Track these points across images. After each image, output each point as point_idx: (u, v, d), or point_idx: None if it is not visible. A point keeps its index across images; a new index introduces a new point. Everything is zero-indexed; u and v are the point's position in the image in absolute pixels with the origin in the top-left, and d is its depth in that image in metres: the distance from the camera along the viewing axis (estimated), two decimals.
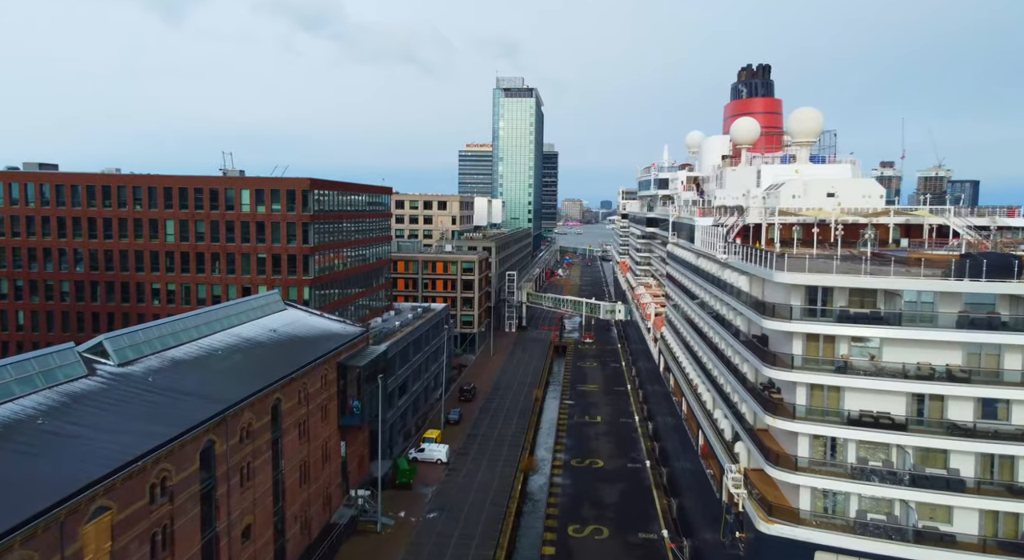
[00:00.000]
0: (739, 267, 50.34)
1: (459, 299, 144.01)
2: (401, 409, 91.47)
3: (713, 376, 58.68)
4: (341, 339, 70.31)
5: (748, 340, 47.70)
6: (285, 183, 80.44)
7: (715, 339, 58.34)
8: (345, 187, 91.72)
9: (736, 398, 49.87)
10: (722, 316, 55.47)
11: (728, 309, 53.83)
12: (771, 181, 78.99)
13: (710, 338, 60.24)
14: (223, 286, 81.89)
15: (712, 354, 58.48)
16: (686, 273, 75.48)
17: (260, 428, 51.13)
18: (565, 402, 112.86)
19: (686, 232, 79.42)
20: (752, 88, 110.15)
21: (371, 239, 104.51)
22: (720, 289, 55.59)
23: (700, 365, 64.95)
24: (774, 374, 40.64)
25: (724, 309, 54.76)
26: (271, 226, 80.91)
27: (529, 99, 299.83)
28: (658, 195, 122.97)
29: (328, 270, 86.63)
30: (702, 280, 64.61)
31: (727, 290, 53.32)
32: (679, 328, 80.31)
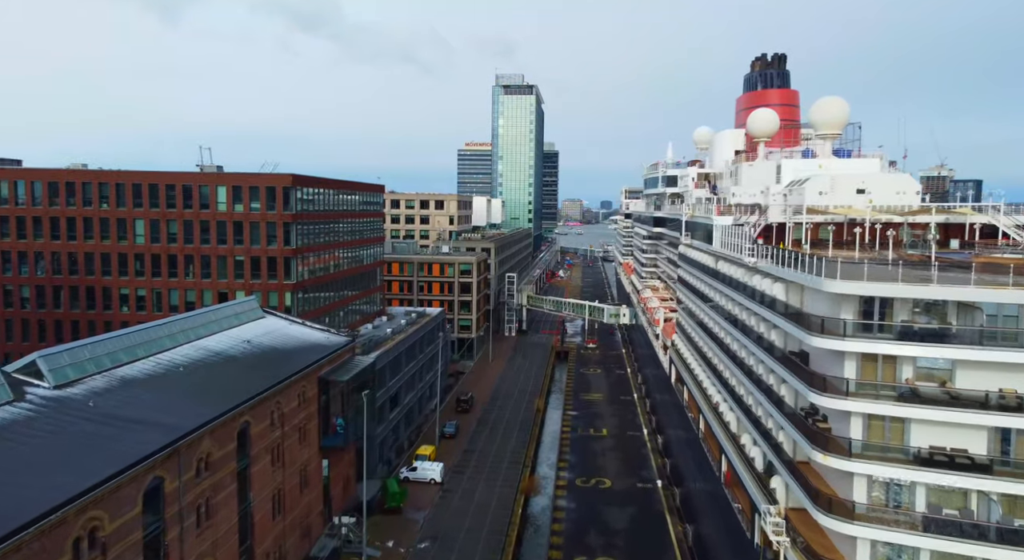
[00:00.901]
0: (773, 273, 43.80)
1: (456, 302, 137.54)
2: (393, 423, 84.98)
3: (738, 395, 52.14)
4: (324, 350, 63.79)
5: (784, 357, 41.18)
6: (265, 179, 73.91)
7: (740, 353, 51.79)
8: (332, 184, 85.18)
9: (770, 424, 43.36)
10: (749, 327, 48.93)
11: (757, 320, 47.30)
12: (792, 177, 72.81)
13: (734, 351, 53.68)
14: (197, 291, 75.32)
15: (737, 369, 51.93)
16: (702, 277, 69.00)
17: (223, 458, 44.57)
18: (568, 413, 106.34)
19: (701, 232, 72.94)
20: (767, 79, 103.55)
21: (362, 240, 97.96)
22: (747, 297, 49.06)
23: (721, 380, 58.41)
24: (825, 402, 34.09)
25: (752, 320, 48.21)
26: (250, 226, 74.39)
27: (529, 96, 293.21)
28: (666, 193, 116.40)
29: (313, 274, 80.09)
30: (723, 285, 58.11)
31: (756, 298, 46.81)
32: (693, 337, 73.80)
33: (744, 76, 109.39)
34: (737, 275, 53.10)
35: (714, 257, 65.17)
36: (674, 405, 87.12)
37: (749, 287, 49.35)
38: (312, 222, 79.56)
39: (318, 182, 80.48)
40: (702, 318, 68.56)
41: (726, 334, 57.22)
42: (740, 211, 67.86)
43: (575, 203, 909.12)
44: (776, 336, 43.20)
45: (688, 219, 78.76)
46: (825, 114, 74.36)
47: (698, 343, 70.61)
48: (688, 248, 79.99)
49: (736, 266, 54.95)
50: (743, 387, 50.76)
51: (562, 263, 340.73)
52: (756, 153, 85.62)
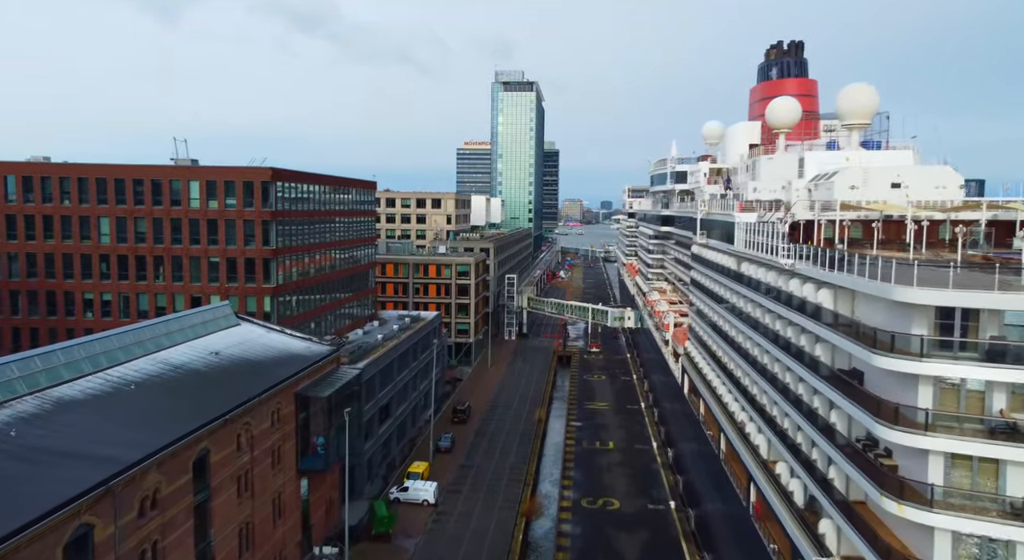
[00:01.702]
0: (818, 277, 37.45)
1: (454, 305, 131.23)
2: (383, 437, 78.68)
3: (770, 415, 45.82)
4: (303, 362, 57.47)
5: (834, 376, 34.87)
6: (241, 174, 67.60)
7: (773, 368, 45.45)
8: (318, 180, 78.83)
9: (815, 454, 37.01)
10: (784, 339, 42.60)
11: (795, 331, 40.98)
12: (817, 170, 66.65)
13: (763, 365, 47.35)
14: (168, 295, 69.03)
15: (768, 386, 45.60)
16: (721, 280, 62.71)
17: (175, 492, 38.23)
18: (571, 424, 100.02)
19: (719, 231, 66.64)
20: (783, 68, 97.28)
21: (351, 240, 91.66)
22: (782, 304, 42.74)
23: (747, 396, 52.07)
24: (896, 437, 27.77)
25: (789, 331, 41.88)
26: (225, 225, 68.08)
27: (529, 93, 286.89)
28: (675, 190, 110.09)
29: (296, 276, 73.77)
30: (748, 290, 51.80)
31: (794, 306, 40.49)
32: (710, 345, 67.48)
33: (758, 65, 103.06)
34: (768, 279, 46.79)
35: (736, 258, 58.87)
36: (685, 415, 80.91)
37: (784, 293, 43.04)
38: (295, 220, 73.25)
39: (301, 177, 74.16)
40: (721, 325, 62.26)
41: (753, 345, 50.90)
42: (763, 208, 61.74)
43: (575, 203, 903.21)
44: (822, 351, 36.85)
45: (704, 217, 72.46)
46: (853, 102, 68.01)
47: (716, 353, 64.30)
48: (703, 248, 73.69)
49: (765, 268, 48.66)
50: (776, 407, 44.44)
51: (563, 263, 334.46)
52: (774, 146, 79.55)
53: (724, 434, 57.20)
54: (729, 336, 58.69)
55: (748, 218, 57.75)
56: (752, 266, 52.05)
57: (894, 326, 30.42)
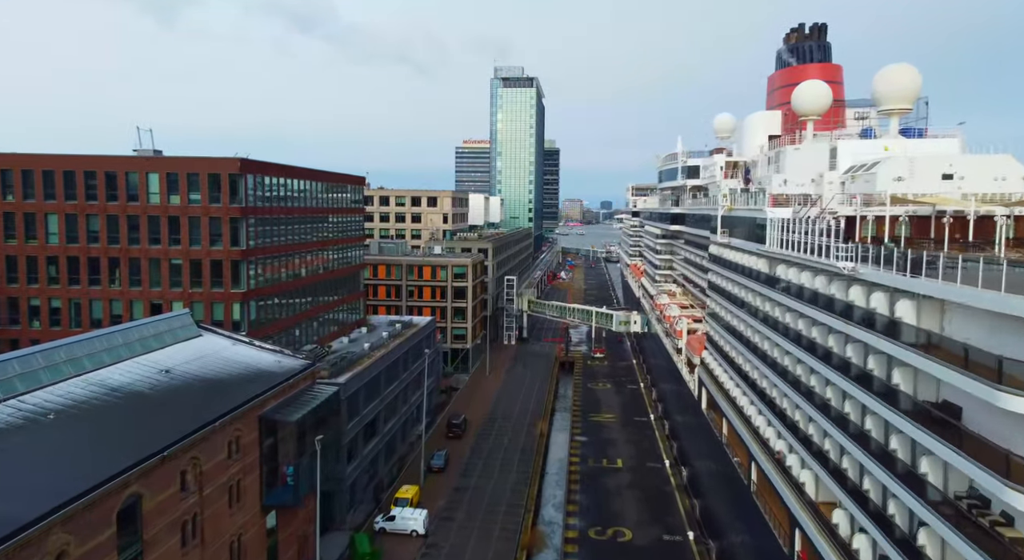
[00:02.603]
0: (893, 284, 29.97)
1: (450, 309, 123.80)
2: (368, 458, 71.24)
3: (819, 447, 38.31)
4: (271, 379, 50.00)
5: (919, 410, 27.41)
6: (206, 165, 60.11)
7: (823, 391, 37.95)
8: (296, 173, 71.34)
9: (893, 507, 29.49)
10: (842, 359, 35.12)
11: (858, 350, 33.51)
12: (852, 161, 59.28)
13: (809, 387, 39.85)
14: (125, 302, 61.50)
15: (817, 413, 38.10)
16: (748, 284, 55.26)
17: (91, 552, 30.73)
18: (576, 438, 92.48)
19: (744, 229, 59.18)
20: (804, 53, 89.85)
21: (337, 240, 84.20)
22: (836, 316, 35.27)
23: (786, 423, 44.57)
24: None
25: (850, 349, 34.38)
26: (188, 222, 60.61)
27: (529, 89, 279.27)
28: (686, 186, 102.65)
29: (271, 280, 66.30)
30: (786, 297, 44.35)
31: (856, 319, 33.03)
32: (734, 357, 59.99)
33: (776, 51, 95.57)
34: (815, 285, 39.32)
35: (767, 260, 51.42)
36: (699, 429, 73.59)
37: (838, 302, 35.58)
38: (269, 218, 65.77)
39: (276, 169, 66.65)
40: (749, 336, 54.79)
41: (793, 362, 43.45)
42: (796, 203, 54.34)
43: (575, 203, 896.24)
44: (903, 378, 29.36)
45: (725, 214, 64.99)
46: (892, 85, 60.56)
47: (743, 367, 56.81)
48: (723, 248, 66.25)
49: (810, 272, 41.23)
50: (829, 439, 36.93)
51: (563, 264, 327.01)
52: (796, 135, 72.25)
53: (755, 462, 49.67)
54: (760, 349, 51.20)
55: (782, 214, 50.35)
56: (791, 269, 44.59)
57: (1007, 349, 23.01)
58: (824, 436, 37.64)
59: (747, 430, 53.04)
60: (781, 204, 52.52)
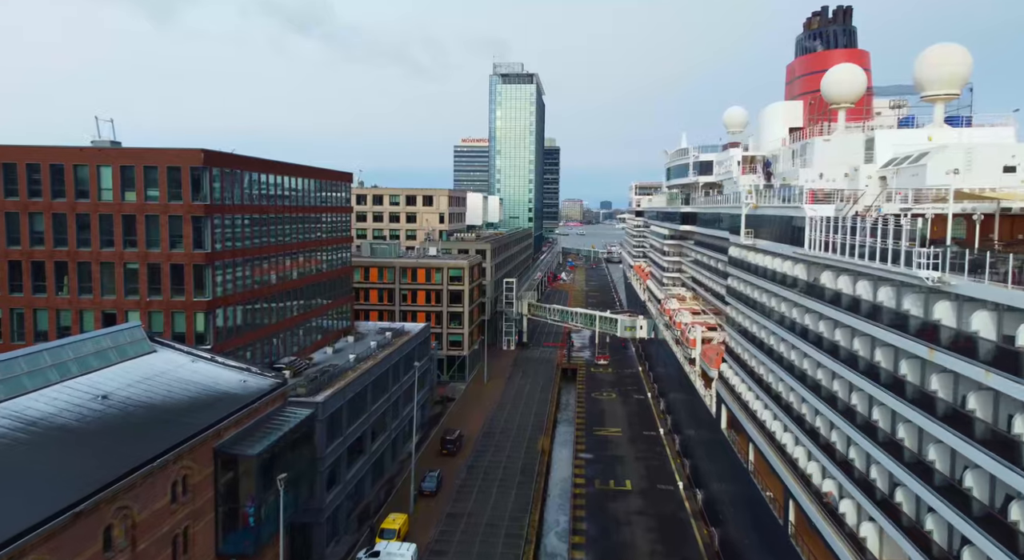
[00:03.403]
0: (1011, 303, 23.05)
1: (445, 314, 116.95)
2: (353, 481, 64.45)
3: (886, 497, 31.40)
4: (232, 403, 43.15)
5: None
6: (165, 157, 53.21)
7: (895, 430, 31.04)
8: (270, 167, 64.46)
9: None
10: (924, 393, 28.22)
11: (945, 382, 26.63)
12: (892, 153, 52.80)
13: (873, 423, 32.94)
14: (74, 312, 54.57)
15: (885, 456, 31.19)
16: (780, 292, 48.40)
17: None
18: (580, 455, 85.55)
19: (774, 229, 52.31)
20: (828, 38, 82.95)
21: (320, 241, 77.37)
22: (919, 340, 28.41)
23: (833, 456, 37.65)
24: None
25: (936, 380, 27.46)
26: (145, 222, 53.73)
27: (529, 85, 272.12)
28: (698, 183, 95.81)
29: (241, 287, 59.42)
30: (837, 311, 37.47)
31: (945, 343, 26.17)
32: (762, 374, 53.09)
33: (796, 37, 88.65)
34: (881, 298, 32.44)
35: (806, 264, 44.57)
36: (716, 446, 67.02)
37: (917, 321, 28.71)
38: (239, 217, 58.88)
39: (246, 163, 59.75)
40: (783, 352, 47.91)
41: (845, 388, 36.57)
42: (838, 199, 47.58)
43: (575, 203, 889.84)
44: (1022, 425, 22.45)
45: (749, 212, 58.08)
46: (937, 68, 53.91)
47: (774, 387, 49.91)
48: (747, 251, 59.39)
49: (869, 282, 34.37)
50: (903, 490, 30.01)
51: (564, 265, 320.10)
52: (821, 126, 65.71)
53: (793, 499, 42.77)
54: (797, 368, 44.32)
55: (823, 212, 43.51)
56: (842, 277, 37.71)
57: None
58: (892, 484, 30.76)
59: (781, 460, 46.16)
60: (821, 201, 45.70)
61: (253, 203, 61.54)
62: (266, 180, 63.76)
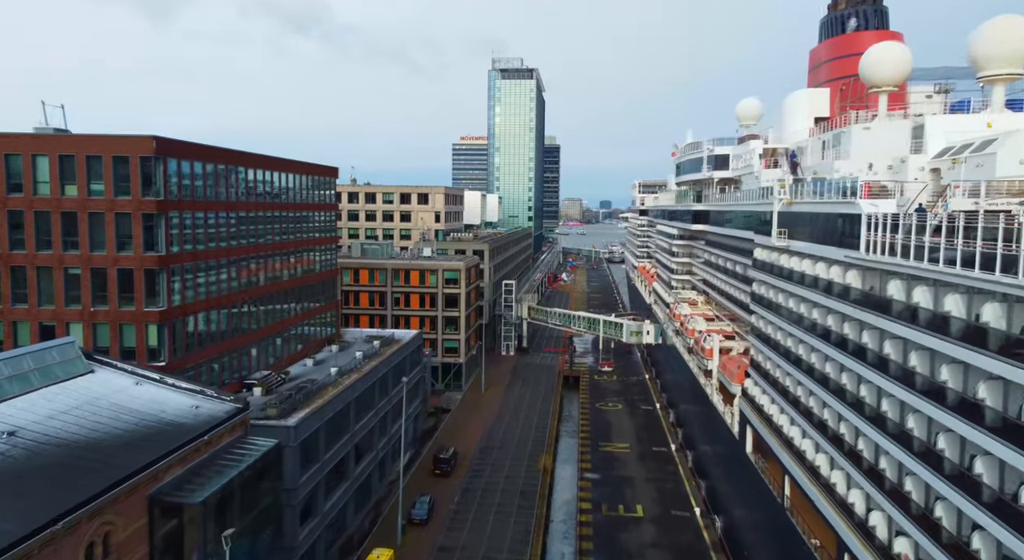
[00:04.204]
0: None
1: (440, 319, 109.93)
2: (333, 511, 57.49)
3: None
4: (177, 436, 36.10)
5: None
6: (111, 145, 46.14)
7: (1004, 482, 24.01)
8: (238, 159, 57.37)
9: None
10: None
11: None
12: (945, 141, 45.89)
13: (977, 478, 25.87)
14: (7, 325, 47.46)
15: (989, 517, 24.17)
16: (829, 303, 41.35)
17: None
18: (585, 475, 78.46)
19: (817, 228, 45.22)
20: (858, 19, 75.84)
21: (300, 241, 70.34)
22: None
23: (908, 511, 30.58)
24: None
25: None
26: (88, 220, 46.68)
27: (529, 81, 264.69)
28: (713, 179, 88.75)
29: (204, 294, 52.33)
30: (912, 330, 30.43)
31: None
32: (807, 401, 46.00)
33: (821, 20, 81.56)
34: (987, 317, 25.36)
35: (861, 271, 37.51)
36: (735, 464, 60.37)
37: None
38: (201, 214, 51.79)
39: (209, 153, 52.66)
40: (832, 374, 40.83)
41: (922, 424, 29.51)
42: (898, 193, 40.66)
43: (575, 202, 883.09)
44: None
45: (782, 209, 50.96)
46: (1000, 45, 47.18)
47: (820, 414, 42.83)
48: (778, 254, 52.33)
49: (959, 295, 27.32)
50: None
51: (564, 265, 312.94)
52: (848, 115, 58.95)
53: (849, 552, 35.66)
54: (852, 395, 37.26)
55: (884, 208, 36.46)
56: (920, 289, 30.63)
57: None
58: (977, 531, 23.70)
59: (829, 502, 39.09)
60: (878, 194, 38.65)
61: (219, 199, 54.45)
62: (235, 174, 56.67)
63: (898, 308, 31.82)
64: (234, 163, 56.28)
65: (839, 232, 40.14)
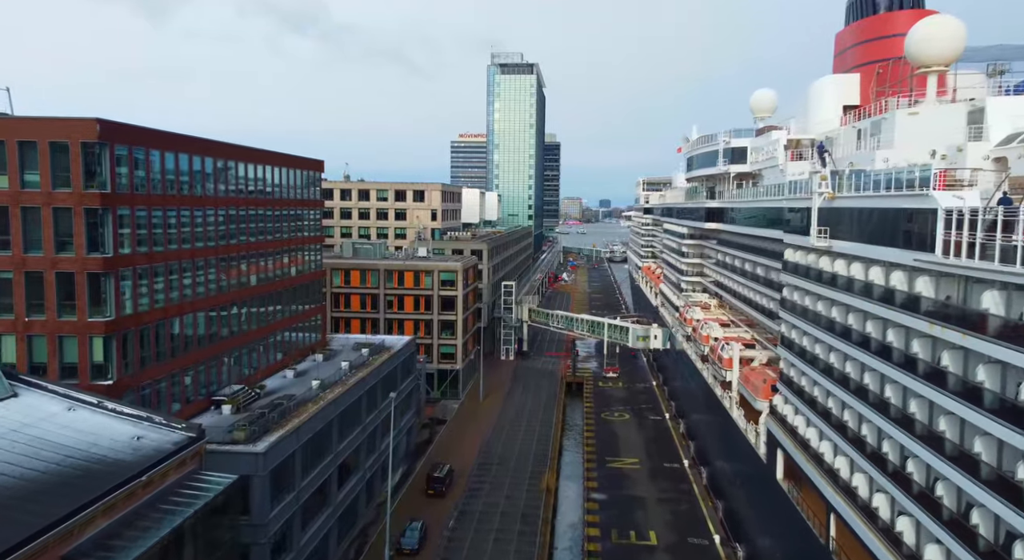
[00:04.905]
0: None
1: (436, 322, 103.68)
2: (311, 545, 51.15)
3: None
4: (110, 477, 29.72)
5: None
6: (48, 129, 39.80)
7: None
8: (201, 148, 50.94)
9: None
10: None
11: None
12: (1010, 127, 39.92)
13: None
14: None
15: None
16: (888, 315, 34.98)
17: None
18: (592, 495, 72.04)
19: (872, 226, 38.85)
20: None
21: (279, 242, 64.00)
22: None
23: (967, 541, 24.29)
24: None
25: None
26: (21, 216, 40.34)
27: (529, 76, 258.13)
28: (729, 174, 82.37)
29: (160, 301, 45.95)
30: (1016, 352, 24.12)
31: None
32: (855, 426, 39.65)
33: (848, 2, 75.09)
34: None
35: (933, 278, 31.18)
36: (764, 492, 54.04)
37: None
38: (158, 210, 45.43)
39: (166, 140, 46.26)
40: (891, 398, 34.48)
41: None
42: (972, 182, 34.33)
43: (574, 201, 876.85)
44: None
45: (824, 204, 44.55)
46: None
47: (875, 444, 36.48)
48: (817, 256, 46.00)
49: None
50: None
51: (565, 265, 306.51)
52: (875, 103, 52.73)
53: None
54: (920, 425, 30.93)
55: (968, 201, 30.14)
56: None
57: None
58: None
59: (888, 550, 32.73)
60: (954, 185, 32.31)
61: (181, 193, 48.08)
62: (200, 164, 50.27)
63: (996, 325, 25.50)
64: (199, 152, 49.89)
65: (902, 231, 33.79)
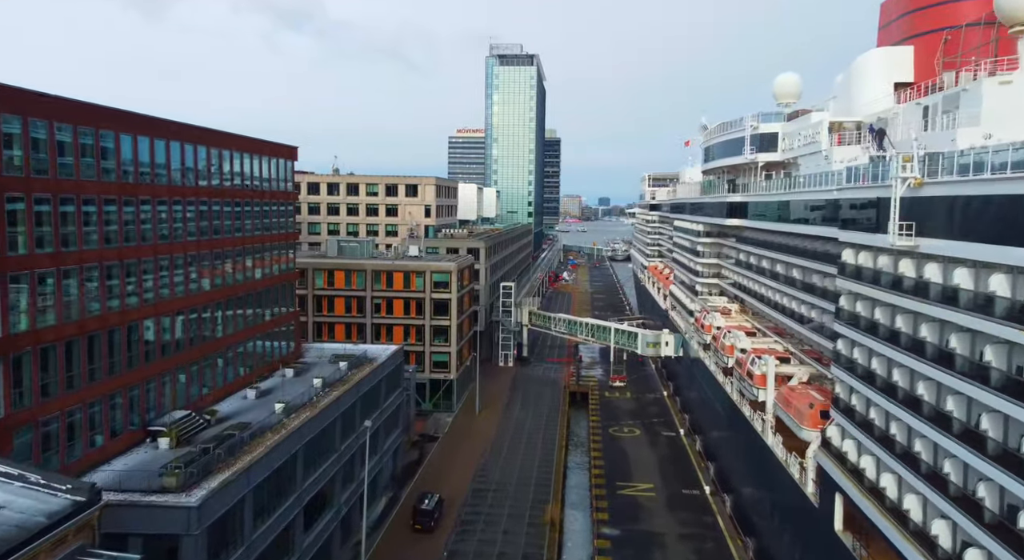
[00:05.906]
0: None
1: (428, 328, 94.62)
2: None
3: None
4: None
5: None
6: None
7: None
8: (135, 125, 41.75)
9: None
10: None
11: None
12: None
13: None
14: None
15: None
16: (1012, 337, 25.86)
17: None
18: (603, 532, 62.88)
19: (990, 219, 29.72)
20: None
21: (238, 240, 54.83)
22: None
23: None
24: None
25: None
26: None
27: (529, 68, 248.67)
28: (757, 163, 73.26)
29: (73, 314, 36.81)
30: None
31: None
32: (958, 479, 30.55)
33: None
34: None
35: None
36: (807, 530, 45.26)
37: None
38: (71, 198, 36.27)
39: (83, 113, 37.05)
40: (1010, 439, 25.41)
41: None
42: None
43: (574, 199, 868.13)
44: None
45: (908, 193, 35.32)
46: None
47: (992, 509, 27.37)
48: (893, 259, 36.90)
49: None
50: None
51: (565, 264, 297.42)
52: (942, 76, 44.12)
53: None
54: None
55: None
56: None
57: None
58: None
59: None
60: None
61: (105, 179, 38.93)
62: (132, 146, 41.10)
63: None
64: (130, 131, 40.70)
65: None
